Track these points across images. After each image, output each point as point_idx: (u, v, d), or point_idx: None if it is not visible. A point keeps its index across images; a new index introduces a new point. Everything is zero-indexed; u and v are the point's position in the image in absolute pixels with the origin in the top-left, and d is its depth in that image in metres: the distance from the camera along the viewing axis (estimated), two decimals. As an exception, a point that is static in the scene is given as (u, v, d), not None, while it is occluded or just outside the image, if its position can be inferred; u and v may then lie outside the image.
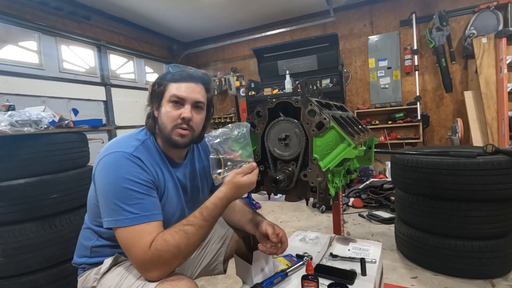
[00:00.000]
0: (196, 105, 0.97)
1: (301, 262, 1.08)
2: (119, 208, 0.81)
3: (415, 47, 4.32)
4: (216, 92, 5.82)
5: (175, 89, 0.94)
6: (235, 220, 1.19)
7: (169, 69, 0.98)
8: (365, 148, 1.20)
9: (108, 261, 0.93)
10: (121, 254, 0.94)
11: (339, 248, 1.22)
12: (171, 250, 0.78)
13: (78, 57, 4.10)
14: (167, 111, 0.94)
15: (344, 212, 2.98)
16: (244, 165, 0.87)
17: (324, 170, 0.89)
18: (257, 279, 0.97)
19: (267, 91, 4.27)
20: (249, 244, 1.11)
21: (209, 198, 0.85)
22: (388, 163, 3.90)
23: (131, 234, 0.80)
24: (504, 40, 3.35)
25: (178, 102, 0.94)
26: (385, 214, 2.82)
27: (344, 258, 1.13)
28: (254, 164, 0.89)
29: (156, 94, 0.97)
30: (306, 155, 0.92)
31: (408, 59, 4.41)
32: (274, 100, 0.97)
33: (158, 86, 0.97)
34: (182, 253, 0.80)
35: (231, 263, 1.19)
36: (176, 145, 0.97)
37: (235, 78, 5.58)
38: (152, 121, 0.99)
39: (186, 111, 0.94)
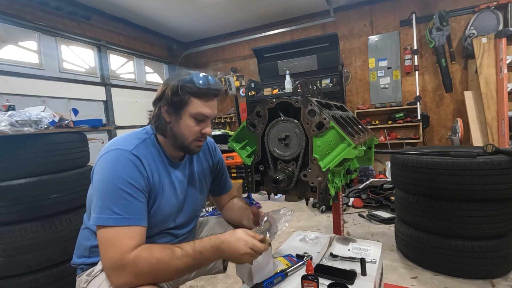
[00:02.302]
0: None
1: (301, 262, 1.08)
2: (106, 206, 0.80)
3: (415, 47, 4.32)
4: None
5: (201, 107, 0.93)
6: (234, 218, 1.20)
7: (192, 80, 0.92)
8: (365, 148, 1.20)
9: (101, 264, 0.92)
10: None
11: (339, 248, 1.22)
12: (151, 262, 0.76)
13: (78, 57, 4.11)
14: (189, 126, 0.95)
15: (344, 212, 2.98)
16: (260, 234, 0.87)
17: (324, 170, 0.89)
18: (258, 279, 0.97)
19: (267, 91, 4.27)
20: None
21: (210, 237, 0.86)
22: (388, 163, 3.90)
23: (110, 234, 0.79)
24: (504, 40, 3.35)
25: (202, 118, 0.96)
26: (385, 214, 2.81)
27: (344, 258, 1.13)
28: (263, 247, 0.85)
29: (176, 102, 0.93)
30: (306, 155, 0.92)
31: (408, 59, 4.41)
32: (274, 100, 0.97)
33: (180, 94, 0.92)
34: (158, 271, 0.78)
35: (231, 262, 1.19)
36: (192, 153, 1.02)
37: (235, 78, 5.58)
38: (165, 124, 0.97)
39: (208, 128, 0.98)
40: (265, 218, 0.95)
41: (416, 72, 4.35)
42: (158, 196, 0.94)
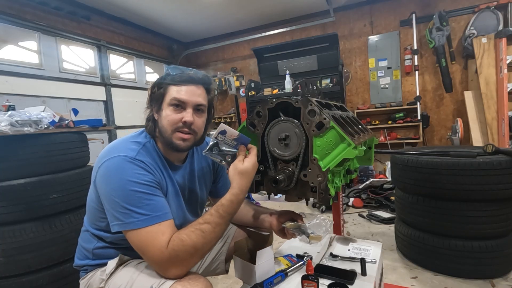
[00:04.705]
0: (197, 108, 0.96)
1: (301, 262, 1.08)
2: (129, 211, 0.80)
3: (415, 47, 4.32)
4: (216, 93, 5.82)
5: (175, 92, 0.93)
6: (239, 217, 1.21)
7: (168, 71, 0.96)
8: (365, 148, 1.20)
9: (112, 262, 0.92)
10: (124, 254, 0.94)
11: (339, 248, 1.22)
12: (188, 250, 0.78)
13: (78, 57, 4.11)
14: (167, 115, 0.93)
15: (344, 212, 2.98)
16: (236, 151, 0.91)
17: (324, 170, 0.89)
18: (258, 279, 0.96)
19: (267, 91, 4.27)
20: (254, 244, 1.11)
21: (224, 196, 0.86)
22: (388, 163, 3.90)
23: (144, 235, 0.80)
24: (504, 40, 3.35)
25: (179, 105, 0.93)
26: (385, 214, 2.82)
27: (344, 258, 1.13)
28: (245, 146, 0.90)
29: (156, 96, 0.95)
30: (306, 155, 0.92)
31: (408, 59, 4.41)
32: (274, 100, 0.97)
33: (158, 88, 0.95)
34: (199, 252, 0.80)
35: (232, 264, 1.19)
36: (178, 149, 0.96)
37: (235, 78, 5.58)
38: (152, 124, 0.97)
39: (188, 115, 0.93)
40: (315, 220, 1.00)
41: (416, 72, 4.34)
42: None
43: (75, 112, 2.11)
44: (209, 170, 1.18)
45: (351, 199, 3.26)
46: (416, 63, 4.33)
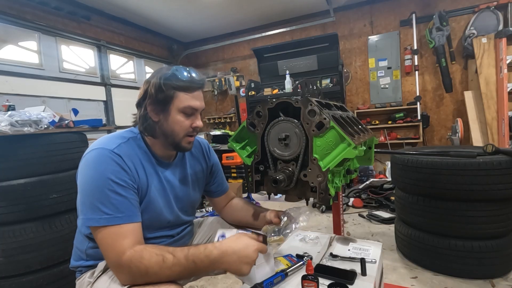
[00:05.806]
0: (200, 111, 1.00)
1: (301, 262, 1.08)
2: (95, 207, 0.80)
3: (415, 47, 4.33)
4: (216, 93, 5.83)
5: (189, 100, 0.93)
6: (239, 217, 1.20)
7: (174, 73, 0.92)
8: (365, 148, 1.20)
9: (102, 264, 0.92)
10: None
11: (339, 248, 1.22)
12: (141, 269, 0.75)
13: (78, 57, 4.11)
14: (179, 121, 0.94)
15: (344, 212, 2.98)
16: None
17: (324, 170, 0.89)
18: (258, 279, 0.96)
19: (267, 91, 4.27)
20: None
21: (207, 243, 0.82)
22: (388, 163, 3.90)
23: (105, 235, 0.79)
24: (504, 40, 3.35)
25: (191, 112, 0.95)
26: (385, 214, 2.81)
27: (344, 258, 1.12)
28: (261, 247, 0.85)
29: (161, 100, 0.92)
30: (306, 155, 0.92)
31: (408, 59, 4.41)
32: (274, 100, 0.97)
33: (164, 90, 0.91)
34: (150, 277, 0.76)
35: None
36: (184, 150, 1.00)
37: (235, 78, 5.58)
38: (154, 124, 0.95)
39: (199, 121, 0.97)
40: (285, 218, 1.00)
41: (416, 72, 4.35)
42: (146, 195, 0.93)
43: (75, 112, 2.12)
44: (203, 173, 1.18)
45: (351, 199, 3.26)
46: (416, 63, 4.33)
